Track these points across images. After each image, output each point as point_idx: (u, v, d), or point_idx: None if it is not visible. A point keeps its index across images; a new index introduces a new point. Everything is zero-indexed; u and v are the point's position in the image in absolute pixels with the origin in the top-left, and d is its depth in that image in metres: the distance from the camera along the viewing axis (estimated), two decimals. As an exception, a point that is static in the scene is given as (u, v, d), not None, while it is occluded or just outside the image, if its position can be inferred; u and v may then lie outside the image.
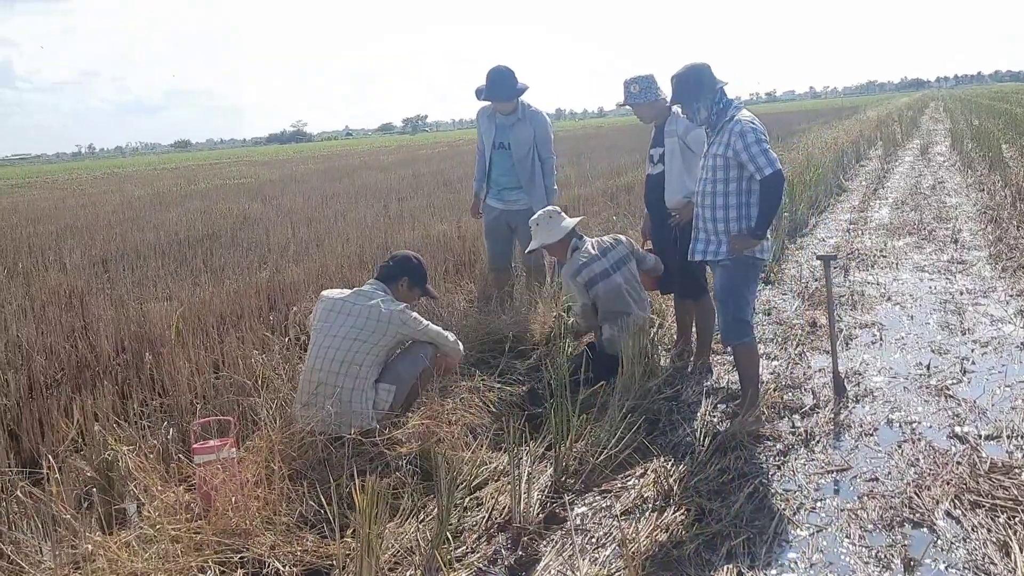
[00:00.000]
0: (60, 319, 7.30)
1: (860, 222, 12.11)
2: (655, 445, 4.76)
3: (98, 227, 15.15)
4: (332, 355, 4.60)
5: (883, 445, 4.67)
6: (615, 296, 5.80)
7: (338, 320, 4.73)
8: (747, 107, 5.08)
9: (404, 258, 5.25)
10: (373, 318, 4.70)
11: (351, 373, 4.58)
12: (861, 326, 6.92)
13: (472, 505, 4.18)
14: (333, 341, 4.65)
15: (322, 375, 4.57)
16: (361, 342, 4.64)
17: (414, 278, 5.18)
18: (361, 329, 4.67)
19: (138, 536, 3.38)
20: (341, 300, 4.85)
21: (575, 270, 5.86)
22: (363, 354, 4.62)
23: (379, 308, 4.73)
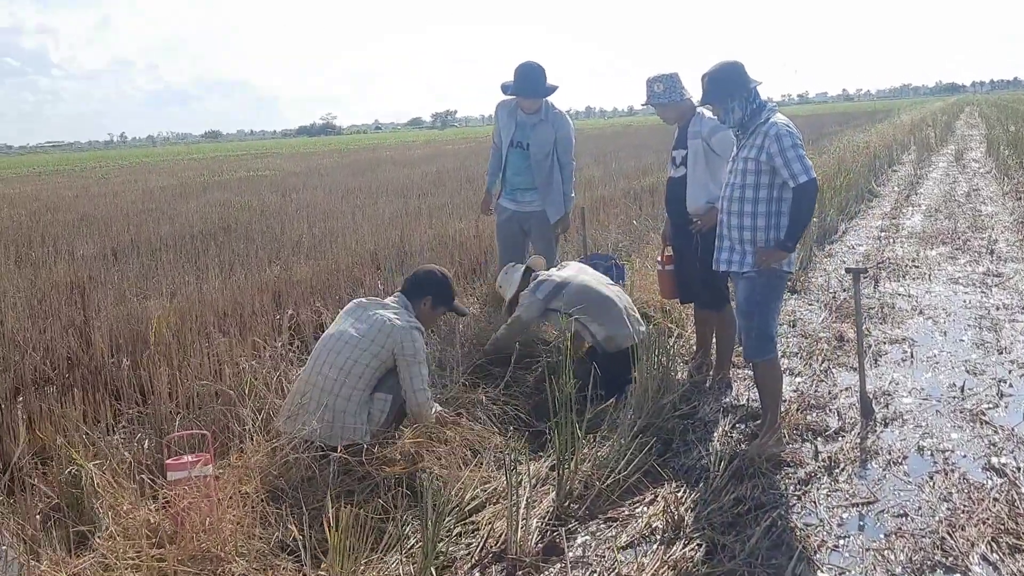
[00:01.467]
0: (59, 313, 7.08)
1: (891, 230, 11.71)
2: (667, 468, 4.45)
3: (115, 218, 14.99)
4: (332, 360, 4.37)
5: (913, 476, 4.33)
6: (585, 292, 5.56)
7: (348, 323, 4.51)
8: (778, 108, 4.76)
9: (428, 273, 4.98)
10: (376, 327, 4.43)
11: (348, 383, 4.32)
12: (891, 341, 6.56)
13: (467, 530, 3.89)
14: (336, 345, 4.42)
15: (319, 379, 4.33)
16: (361, 350, 4.38)
17: (438, 296, 4.90)
18: (363, 337, 4.41)
19: (94, 563, 3.10)
20: (358, 303, 4.65)
21: (535, 286, 5.71)
22: (362, 365, 4.36)
23: (389, 320, 4.47)
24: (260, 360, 4.91)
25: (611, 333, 5.39)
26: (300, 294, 7.52)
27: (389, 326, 4.44)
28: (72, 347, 6.04)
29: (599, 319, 5.44)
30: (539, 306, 5.56)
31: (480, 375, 5.49)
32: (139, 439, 4.04)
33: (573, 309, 5.44)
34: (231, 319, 6.61)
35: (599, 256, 7.39)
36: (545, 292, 5.57)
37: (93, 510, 3.50)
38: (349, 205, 14.86)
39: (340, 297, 7.45)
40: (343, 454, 3.91)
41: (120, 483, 3.48)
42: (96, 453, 3.78)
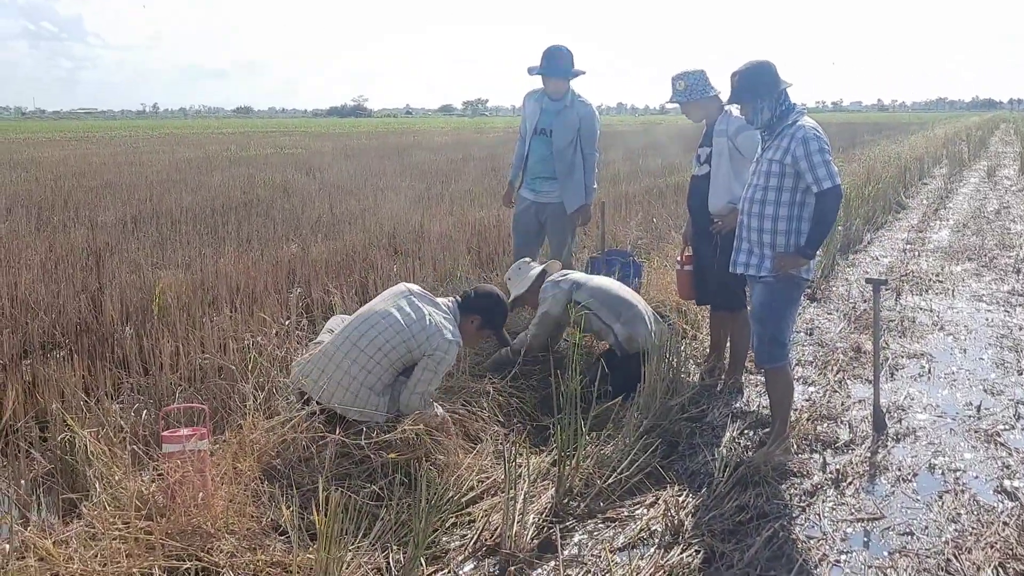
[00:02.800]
0: (73, 278, 7.08)
1: (917, 243, 11.53)
2: (671, 471, 4.38)
3: (139, 186, 15.03)
4: (372, 337, 4.32)
5: (922, 494, 4.22)
6: (606, 289, 5.51)
7: (396, 307, 4.45)
8: (811, 114, 4.65)
9: (487, 295, 4.90)
10: (422, 324, 4.38)
11: (382, 364, 4.30)
12: (909, 356, 6.44)
13: (463, 521, 3.84)
14: (379, 323, 4.37)
15: (353, 351, 4.30)
16: (401, 340, 4.33)
17: (487, 319, 4.84)
18: (407, 327, 4.36)
19: (80, 532, 3.05)
20: (410, 292, 4.58)
21: (558, 278, 5.63)
22: (398, 353, 4.33)
23: (437, 325, 4.42)
24: (267, 337, 4.86)
25: (632, 333, 5.29)
26: (314, 273, 7.48)
27: (435, 330, 4.38)
28: (82, 313, 6.02)
29: (621, 317, 5.36)
30: (564, 297, 5.45)
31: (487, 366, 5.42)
32: (137, 409, 4.00)
33: (595, 304, 5.37)
34: (243, 294, 6.58)
35: (617, 252, 7.29)
36: (568, 284, 5.50)
37: (85, 478, 3.47)
38: (372, 187, 14.82)
39: (355, 279, 7.41)
40: (342, 436, 3.85)
41: (114, 452, 3.43)
42: (93, 420, 3.74)
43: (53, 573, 2.87)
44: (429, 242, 9.16)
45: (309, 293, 6.45)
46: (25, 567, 2.84)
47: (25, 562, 2.87)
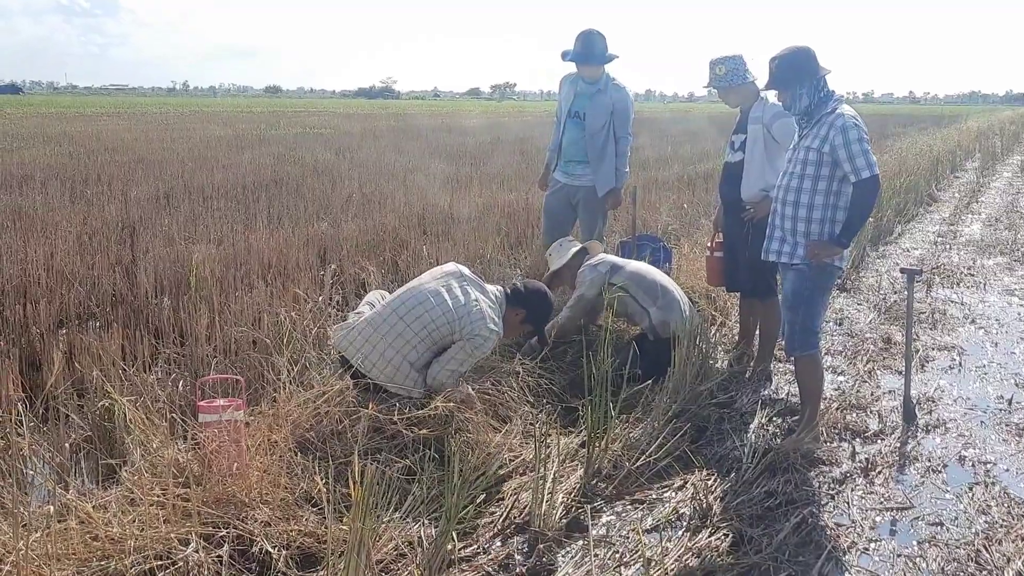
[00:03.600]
0: (108, 251, 7.16)
1: (949, 236, 11.44)
2: (699, 456, 4.38)
3: (170, 162, 15.14)
4: (419, 314, 4.38)
5: (952, 485, 4.21)
6: (643, 273, 5.52)
7: (446, 287, 4.50)
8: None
9: (535, 291, 4.95)
10: (468, 309, 4.43)
11: (427, 341, 4.37)
12: (939, 348, 6.40)
13: (492, 498, 3.86)
14: (429, 301, 4.42)
15: (399, 325, 4.35)
16: (447, 321, 4.39)
17: (532, 314, 4.90)
18: (454, 309, 4.41)
19: (119, 498, 3.11)
20: (462, 273, 4.63)
21: (596, 261, 5.64)
22: (442, 333, 4.39)
23: (484, 314, 4.46)
24: (300, 312, 4.90)
25: (667, 318, 5.29)
26: (345, 251, 7.53)
27: (479, 317, 4.43)
28: (117, 285, 6.10)
29: (657, 302, 5.36)
30: (600, 280, 5.47)
31: (516, 346, 5.44)
32: (174, 379, 4.05)
33: (632, 287, 5.38)
34: (275, 270, 6.63)
35: (647, 237, 7.29)
36: (606, 267, 5.51)
37: (124, 445, 3.52)
38: (401, 168, 14.85)
39: (385, 258, 7.45)
40: (375, 411, 3.88)
41: (152, 420, 3.49)
42: (131, 389, 3.80)
43: (93, 536, 2.92)
44: (459, 223, 9.19)
45: (342, 270, 6.49)
46: (66, 529, 2.90)
47: (66, 524, 2.94)
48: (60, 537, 2.86)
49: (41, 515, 2.95)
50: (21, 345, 4.89)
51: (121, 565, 2.81)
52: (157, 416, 3.57)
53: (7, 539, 2.78)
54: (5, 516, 2.92)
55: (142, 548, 2.89)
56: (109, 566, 2.81)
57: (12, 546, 2.72)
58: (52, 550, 2.77)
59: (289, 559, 3.15)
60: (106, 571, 2.80)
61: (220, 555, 3.02)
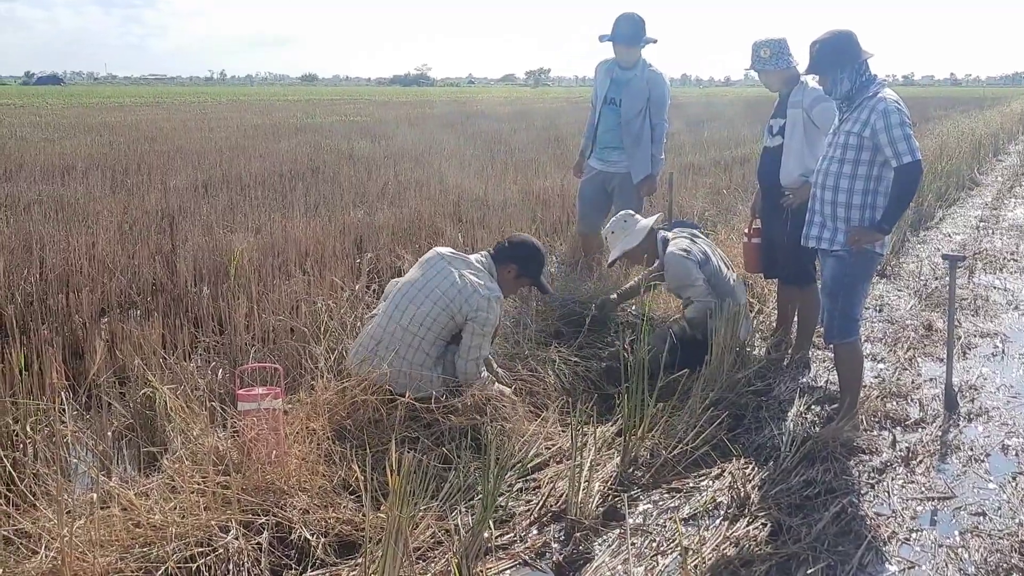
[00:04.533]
0: (148, 240, 7.24)
1: (991, 220, 11.25)
2: (736, 444, 4.35)
3: (209, 152, 15.27)
4: (412, 312, 4.28)
5: (995, 475, 4.15)
6: (719, 278, 5.37)
7: (429, 275, 4.39)
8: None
9: (521, 243, 4.74)
10: (458, 288, 4.30)
11: (427, 338, 4.25)
12: (982, 335, 6.30)
13: (529, 487, 3.87)
14: (416, 297, 4.32)
15: (395, 329, 4.26)
16: (440, 309, 4.27)
17: (525, 268, 4.68)
18: (443, 294, 4.29)
19: (160, 485, 3.15)
20: (441, 256, 4.49)
21: (683, 248, 5.34)
22: (440, 323, 4.27)
23: (471, 284, 4.33)
24: (337, 301, 4.93)
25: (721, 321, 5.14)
26: (381, 239, 7.56)
27: (471, 291, 4.31)
28: (157, 273, 6.17)
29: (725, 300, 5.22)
30: (696, 269, 5.27)
31: (552, 334, 5.43)
32: (213, 368, 4.10)
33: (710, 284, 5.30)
34: (312, 258, 6.67)
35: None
36: (697, 256, 5.30)
37: (164, 433, 3.57)
38: (436, 155, 14.87)
39: (420, 245, 7.47)
40: (410, 399, 3.90)
41: (192, 408, 3.52)
42: (171, 378, 3.84)
43: (135, 523, 2.96)
44: (493, 210, 9.19)
45: (378, 258, 6.51)
46: (109, 516, 2.95)
47: (109, 511, 2.98)
48: (103, 524, 2.90)
49: (84, 502, 2.99)
50: (64, 334, 4.96)
51: (163, 552, 2.85)
52: (197, 404, 3.61)
53: (52, 525, 2.83)
54: (50, 503, 2.97)
55: (183, 535, 2.93)
56: (151, 552, 2.86)
57: (56, 533, 2.76)
58: (95, 536, 2.82)
59: (327, 546, 3.18)
60: (148, 557, 2.84)
61: (259, 542, 3.06)
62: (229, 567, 2.94)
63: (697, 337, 5.17)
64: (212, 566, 2.91)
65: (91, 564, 2.69)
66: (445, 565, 3.12)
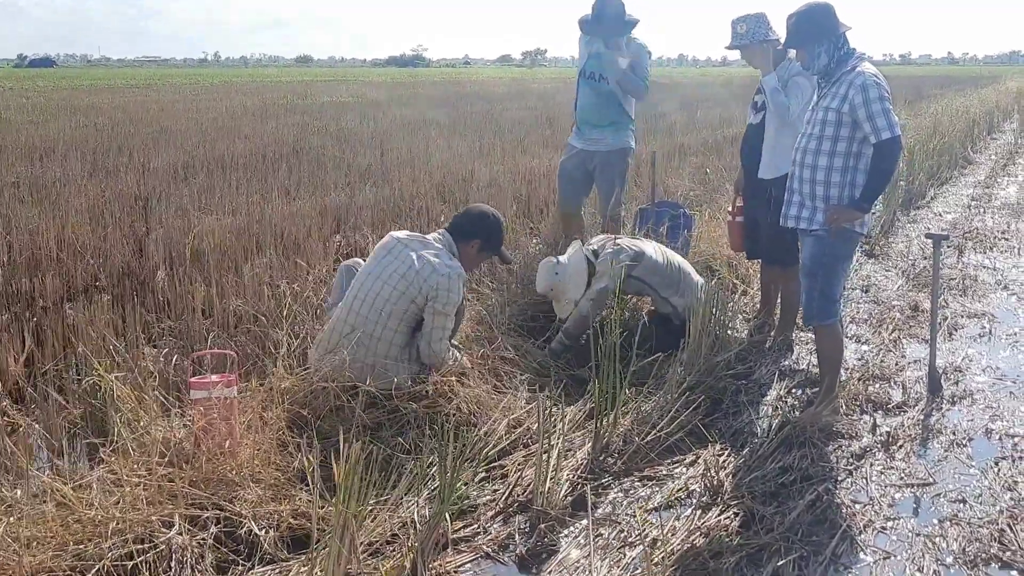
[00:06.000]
0: (121, 223, 7.09)
1: (983, 199, 11.11)
2: (713, 429, 4.24)
3: (192, 133, 15.08)
4: (372, 299, 4.12)
5: (977, 460, 4.03)
6: (666, 266, 5.20)
7: (386, 262, 4.22)
8: (878, 67, 4.39)
9: (480, 216, 4.55)
10: (415, 269, 4.14)
11: (390, 326, 4.09)
12: (969, 315, 6.18)
13: (496, 475, 3.75)
14: (375, 285, 4.15)
15: (356, 319, 4.10)
16: (400, 293, 4.11)
17: (487, 241, 4.52)
18: (402, 277, 4.13)
19: (102, 478, 3.01)
20: (397, 240, 4.31)
21: (614, 251, 5.12)
22: (401, 309, 4.11)
23: (429, 263, 4.17)
24: (303, 284, 4.78)
25: (690, 301, 5.02)
26: (360, 220, 7.41)
27: (428, 270, 4.14)
28: (126, 258, 6.02)
29: (679, 289, 5.13)
30: (616, 274, 4.96)
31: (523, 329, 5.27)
32: (166, 354, 3.94)
33: (655, 280, 5.16)
34: (286, 241, 6.53)
35: (667, 204, 7.10)
36: (627, 259, 5.07)
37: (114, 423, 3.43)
38: (423, 136, 14.70)
39: (401, 225, 7.32)
40: (372, 386, 3.76)
41: (140, 397, 3.38)
42: (124, 365, 3.70)
43: (74, 519, 2.83)
44: (478, 191, 9.04)
45: (350, 239, 6.36)
46: (42, 512, 2.81)
47: (44, 507, 2.84)
48: (35, 520, 2.77)
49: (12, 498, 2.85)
50: (25, 319, 4.82)
51: (99, 549, 2.72)
52: (148, 393, 3.47)
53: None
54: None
55: (122, 531, 2.80)
56: (87, 550, 2.72)
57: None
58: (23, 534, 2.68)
59: (279, 540, 3.06)
60: (83, 555, 2.71)
61: (204, 538, 2.92)
62: (171, 563, 2.81)
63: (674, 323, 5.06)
64: (152, 563, 2.78)
65: (18, 564, 2.55)
66: (400, 560, 2.99)
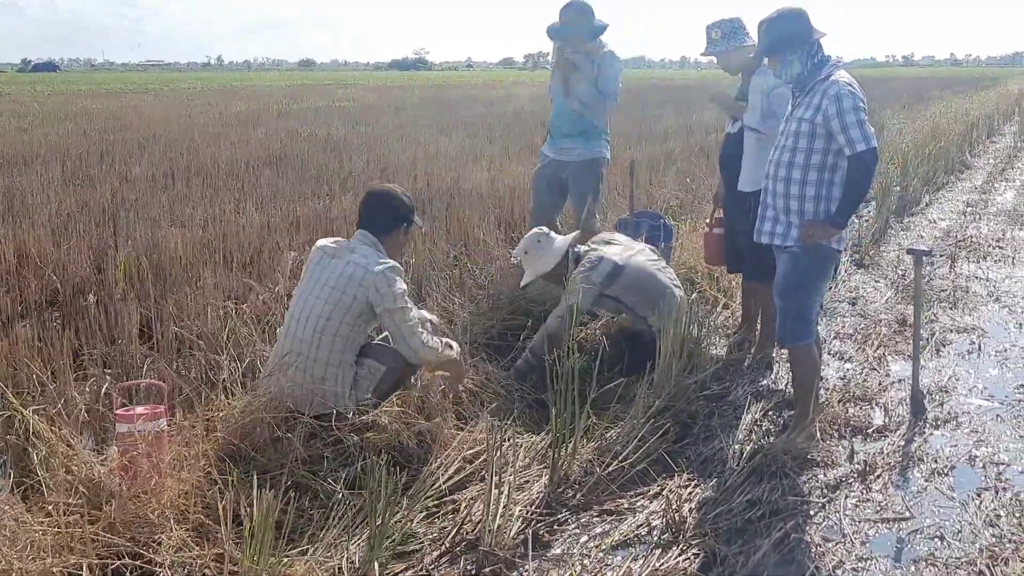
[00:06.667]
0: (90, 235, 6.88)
1: (979, 205, 10.87)
2: (681, 457, 4.04)
3: (182, 140, 14.87)
4: (306, 317, 3.89)
5: (958, 491, 3.81)
6: (642, 280, 4.94)
7: (316, 276, 4.00)
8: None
9: (389, 204, 4.22)
10: (346, 276, 3.90)
11: (324, 344, 3.85)
12: (958, 330, 5.95)
13: (448, 510, 3.54)
14: (308, 301, 3.93)
15: (292, 342, 3.88)
16: (332, 305, 3.86)
17: (406, 220, 4.24)
18: (333, 289, 3.89)
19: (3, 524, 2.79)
20: (323, 252, 4.08)
21: (591, 265, 4.91)
22: (336, 322, 3.86)
23: (356, 265, 3.93)
24: (252, 304, 4.56)
25: (665, 321, 4.80)
26: (334, 231, 7.18)
27: (361, 272, 3.89)
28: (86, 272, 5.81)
29: (656, 308, 4.79)
30: (595, 292, 4.86)
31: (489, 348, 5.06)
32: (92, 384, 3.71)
33: (630, 299, 4.91)
34: (253, 253, 6.31)
35: (647, 214, 6.87)
36: (601, 276, 4.86)
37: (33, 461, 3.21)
38: (413, 141, 14.48)
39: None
40: (310, 419, 3.55)
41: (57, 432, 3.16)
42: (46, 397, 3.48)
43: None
44: (460, 198, 8.83)
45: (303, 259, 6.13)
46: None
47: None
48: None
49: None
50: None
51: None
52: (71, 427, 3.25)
53: None
54: None
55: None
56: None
57: None
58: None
59: (197, 590, 2.84)
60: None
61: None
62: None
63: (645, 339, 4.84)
64: (51, 620, 2.57)
65: None
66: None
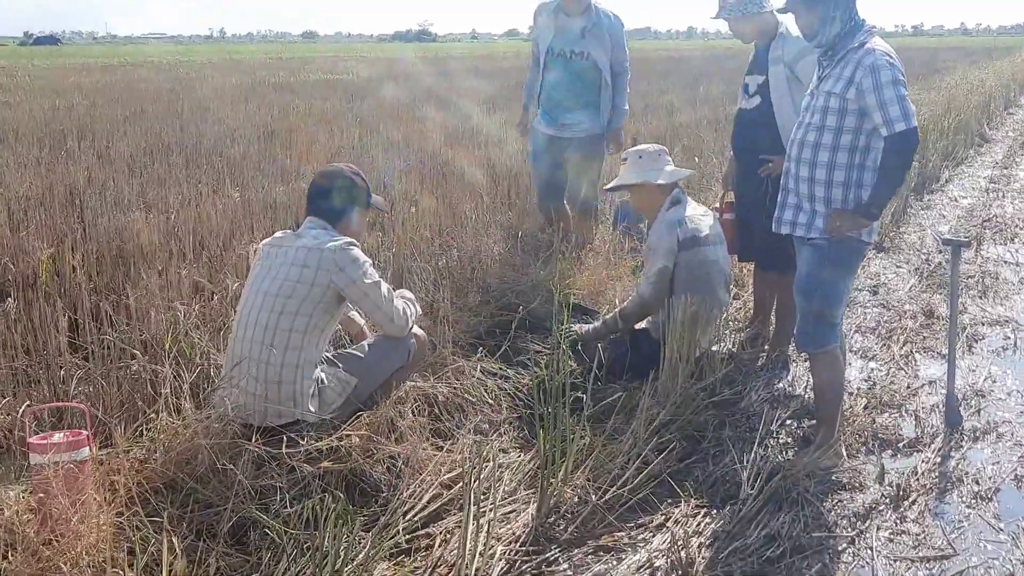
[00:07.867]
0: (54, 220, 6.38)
1: (1002, 181, 10.33)
2: (689, 479, 3.57)
3: (169, 115, 14.34)
4: (255, 318, 3.44)
5: (1005, 520, 3.33)
6: (707, 270, 4.45)
7: (263, 272, 3.56)
8: (888, 40, 3.64)
9: (339, 181, 3.77)
10: (300, 261, 3.47)
11: (280, 343, 3.38)
12: (990, 323, 5.45)
13: (423, 545, 3.07)
14: (256, 300, 3.48)
15: (242, 346, 3.42)
16: (285, 298, 3.42)
17: (364, 202, 3.83)
18: (285, 280, 3.45)
19: None
20: (269, 247, 3.66)
21: (676, 220, 4.43)
22: (291, 314, 3.41)
23: (308, 247, 3.51)
24: (205, 305, 4.07)
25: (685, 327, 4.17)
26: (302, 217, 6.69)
27: (316, 255, 3.46)
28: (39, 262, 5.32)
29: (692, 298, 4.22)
30: (670, 251, 4.38)
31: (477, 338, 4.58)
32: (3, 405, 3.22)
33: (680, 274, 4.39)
34: (223, 240, 5.82)
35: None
36: (686, 236, 4.39)
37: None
38: (407, 115, 13.95)
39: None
40: (257, 446, 3.06)
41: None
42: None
43: None
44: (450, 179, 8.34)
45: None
46: None
47: None
48: None
49: None
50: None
51: None
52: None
53: None
54: None
55: None
56: None
57: None
58: None
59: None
60: None
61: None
62: None
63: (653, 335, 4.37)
64: None
65: None
66: None
